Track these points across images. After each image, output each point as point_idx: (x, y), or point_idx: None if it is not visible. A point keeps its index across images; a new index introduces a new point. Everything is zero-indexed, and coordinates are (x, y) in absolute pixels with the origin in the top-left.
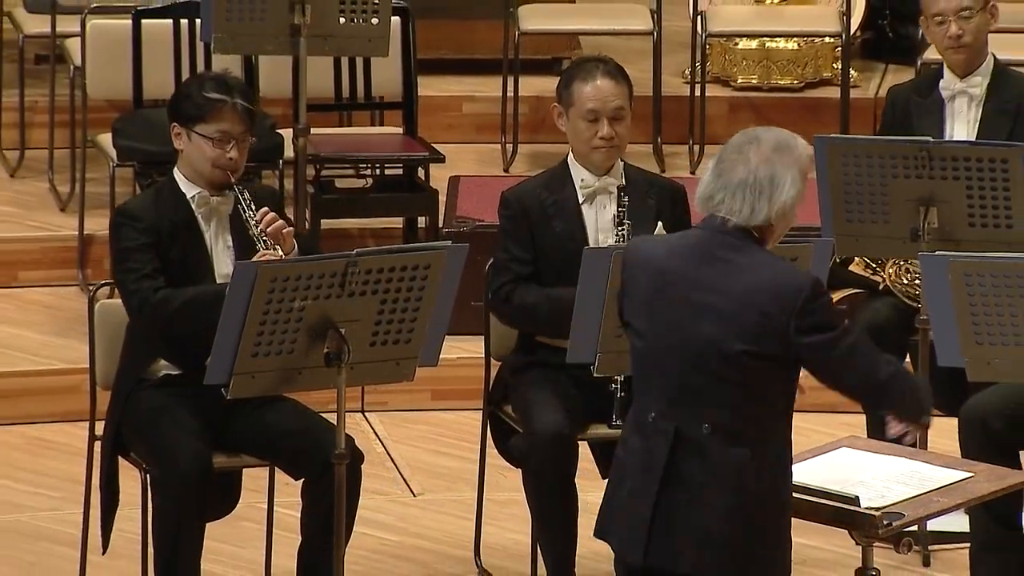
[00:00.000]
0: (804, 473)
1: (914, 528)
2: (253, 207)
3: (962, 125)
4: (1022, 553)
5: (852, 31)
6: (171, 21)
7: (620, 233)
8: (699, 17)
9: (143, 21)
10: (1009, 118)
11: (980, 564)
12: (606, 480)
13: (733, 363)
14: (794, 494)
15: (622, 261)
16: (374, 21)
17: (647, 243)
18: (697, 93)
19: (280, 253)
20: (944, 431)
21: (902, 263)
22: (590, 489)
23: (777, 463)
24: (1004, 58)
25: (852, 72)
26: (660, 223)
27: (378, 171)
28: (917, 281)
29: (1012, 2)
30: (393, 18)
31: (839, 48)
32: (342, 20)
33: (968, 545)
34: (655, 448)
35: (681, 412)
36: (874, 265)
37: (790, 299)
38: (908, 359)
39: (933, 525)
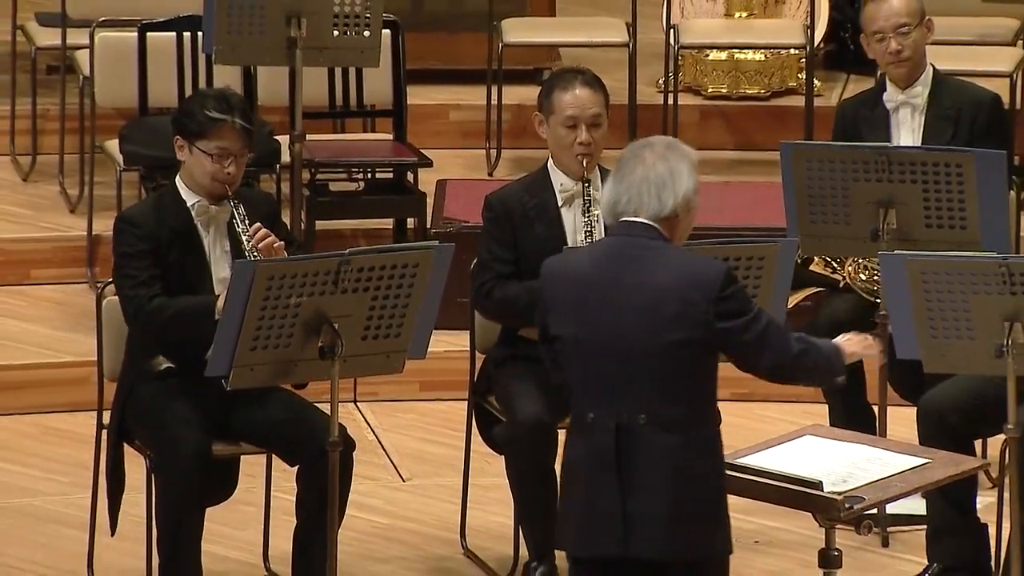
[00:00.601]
0: (770, 459)
1: (874, 511)
2: (247, 222)
3: (907, 134)
4: (975, 535)
5: (816, 43)
6: (175, 34)
7: (587, 220)
8: (672, 30)
9: (148, 34)
10: (950, 124)
11: (936, 545)
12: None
13: (662, 354)
14: (762, 479)
15: (541, 279)
16: (366, 34)
17: (562, 259)
18: (670, 102)
19: None
20: (902, 420)
21: (860, 261)
22: None
23: (707, 448)
24: (942, 68)
25: (816, 82)
26: None
27: (369, 175)
28: (876, 277)
29: (947, 16)
30: (384, 31)
31: (804, 59)
32: (336, 33)
33: (925, 527)
34: (601, 446)
35: (618, 408)
36: (834, 264)
37: (707, 287)
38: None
39: (892, 508)
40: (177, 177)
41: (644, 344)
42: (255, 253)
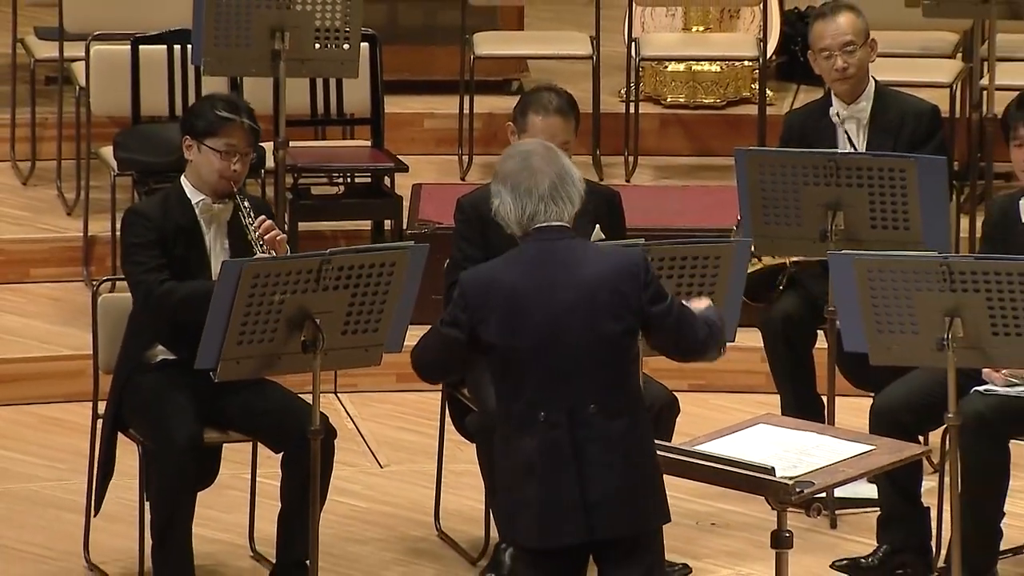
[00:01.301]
0: (726, 446)
1: (823, 495)
2: (252, 215)
3: (852, 148)
4: (920, 519)
5: (768, 56)
6: (165, 47)
7: None
8: (633, 43)
9: (141, 47)
10: (892, 135)
11: (886, 529)
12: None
13: (603, 344)
14: (718, 465)
15: (462, 292)
16: (345, 47)
17: (485, 271)
18: (631, 110)
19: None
20: (850, 409)
21: None
22: None
23: (647, 426)
24: (887, 79)
25: (768, 92)
26: (598, 227)
27: (349, 179)
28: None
29: (891, 30)
30: (362, 44)
31: (757, 71)
32: (317, 46)
33: (870, 510)
34: (557, 441)
35: (569, 403)
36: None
37: (635, 275)
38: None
39: (840, 492)
40: (182, 177)
41: (587, 338)
42: (261, 243)
